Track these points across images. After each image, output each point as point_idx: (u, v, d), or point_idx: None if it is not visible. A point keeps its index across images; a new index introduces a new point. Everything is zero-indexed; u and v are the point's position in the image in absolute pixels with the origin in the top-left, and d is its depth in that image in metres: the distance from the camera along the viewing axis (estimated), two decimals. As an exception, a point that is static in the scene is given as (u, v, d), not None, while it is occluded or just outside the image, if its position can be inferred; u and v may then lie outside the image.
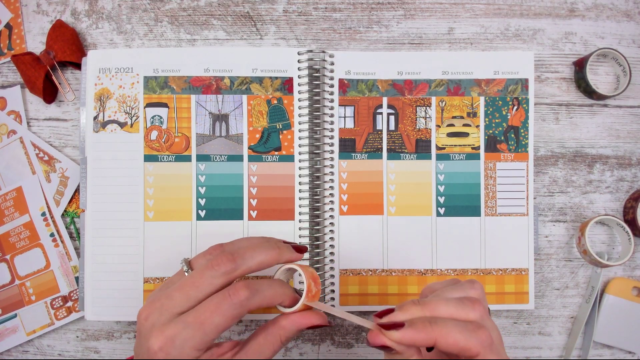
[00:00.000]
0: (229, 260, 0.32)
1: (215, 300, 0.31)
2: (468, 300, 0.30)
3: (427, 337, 0.28)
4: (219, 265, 0.32)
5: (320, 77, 0.48)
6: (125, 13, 0.50)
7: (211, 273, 0.32)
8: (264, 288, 0.32)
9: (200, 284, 0.32)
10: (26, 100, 0.50)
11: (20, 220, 0.49)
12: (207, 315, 0.30)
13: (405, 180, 0.48)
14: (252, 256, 0.33)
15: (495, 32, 0.50)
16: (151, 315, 0.32)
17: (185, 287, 0.32)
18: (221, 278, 0.32)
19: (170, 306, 0.31)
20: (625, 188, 0.50)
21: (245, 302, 0.31)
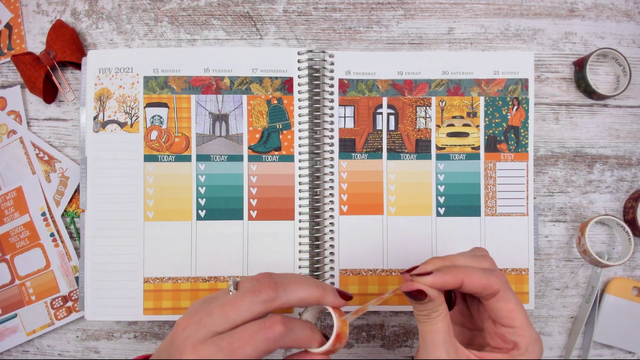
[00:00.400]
0: (272, 288, 0.33)
1: (251, 330, 0.31)
2: (479, 251, 0.36)
3: (455, 278, 0.32)
4: (260, 292, 0.33)
5: (320, 77, 0.48)
6: (125, 13, 0.50)
7: (252, 298, 0.32)
8: (298, 329, 0.33)
9: (240, 306, 0.32)
10: (26, 100, 0.50)
11: (20, 220, 0.49)
12: (240, 345, 0.31)
13: (405, 180, 0.48)
14: (295, 290, 0.34)
15: (495, 32, 0.50)
16: (189, 328, 0.32)
17: (226, 307, 0.32)
18: (261, 305, 0.32)
19: (208, 323, 0.32)
20: (625, 188, 0.50)
21: (279, 339, 0.32)
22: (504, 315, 0.33)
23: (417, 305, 0.33)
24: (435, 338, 0.33)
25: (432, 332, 0.33)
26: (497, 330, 0.33)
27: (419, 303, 0.33)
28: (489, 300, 0.33)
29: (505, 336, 0.33)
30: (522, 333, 0.32)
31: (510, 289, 0.33)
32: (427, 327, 0.33)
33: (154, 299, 0.46)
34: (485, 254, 0.36)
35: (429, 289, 0.32)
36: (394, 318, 0.49)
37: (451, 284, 0.32)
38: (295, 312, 0.47)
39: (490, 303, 0.33)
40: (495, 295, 0.32)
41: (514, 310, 0.32)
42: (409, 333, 0.49)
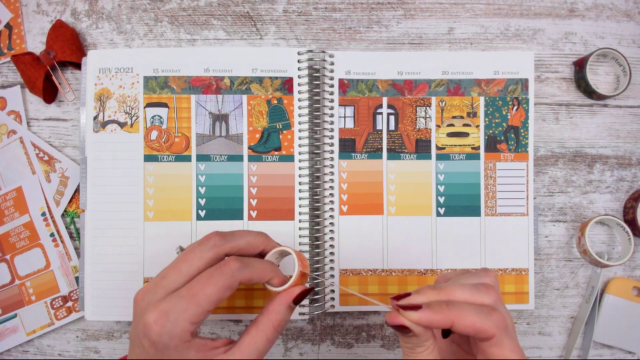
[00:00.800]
0: (219, 236, 0.34)
1: (207, 273, 0.32)
2: (482, 286, 0.31)
3: (445, 319, 0.29)
4: (208, 240, 0.34)
5: (320, 77, 0.48)
6: (125, 13, 0.50)
7: (201, 248, 0.34)
8: (254, 263, 0.34)
9: (190, 258, 0.33)
10: (26, 100, 0.50)
11: (20, 220, 0.49)
12: (200, 287, 0.31)
13: (405, 180, 0.48)
14: (242, 235, 0.35)
15: (495, 32, 0.50)
16: (146, 295, 0.33)
17: (178, 264, 0.33)
18: (210, 251, 0.33)
19: (164, 284, 0.32)
20: (625, 188, 0.50)
21: (237, 272, 0.32)
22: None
23: (402, 337, 0.31)
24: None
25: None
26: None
27: (401, 335, 0.31)
28: (482, 342, 0.30)
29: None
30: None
31: (508, 333, 0.29)
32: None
33: (154, 299, 0.46)
34: (492, 282, 0.32)
35: (413, 325, 0.29)
36: (394, 318, 0.49)
37: (439, 324, 0.29)
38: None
39: (482, 345, 0.30)
40: (489, 340, 0.29)
41: (507, 357, 0.29)
42: (409, 333, 0.49)
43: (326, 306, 0.47)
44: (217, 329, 0.49)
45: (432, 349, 0.30)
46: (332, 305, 0.47)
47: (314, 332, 0.49)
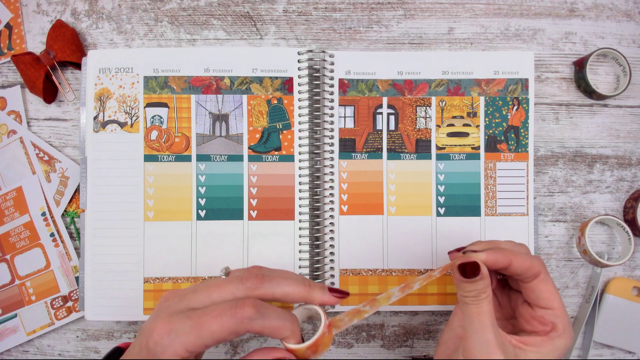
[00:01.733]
0: (258, 278, 0.33)
1: (221, 307, 0.31)
2: (518, 242, 0.37)
3: (505, 258, 0.34)
4: (246, 280, 0.33)
5: (320, 77, 0.48)
6: (125, 13, 0.50)
7: (237, 284, 0.33)
8: (272, 315, 0.32)
9: (223, 290, 0.33)
10: (26, 100, 0.50)
11: (20, 220, 0.49)
12: (207, 320, 0.31)
13: (405, 180, 0.48)
14: (280, 283, 0.34)
15: (495, 32, 0.50)
16: (171, 299, 0.33)
17: (211, 288, 0.33)
18: (243, 292, 0.33)
19: (190, 298, 0.33)
20: (625, 188, 0.50)
21: (247, 321, 0.31)
22: (544, 297, 0.34)
23: (466, 285, 0.33)
24: (484, 320, 0.33)
25: (480, 314, 0.33)
26: (535, 314, 0.35)
27: (469, 281, 0.33)
28: (531, 282, 0.34)
29: (544, 318, 0.34)
30: (560, 314, 0.34)
31: (549, 273, 0.35)
32: (475, 310, 0.33)
33: (154, 299, 0.46)
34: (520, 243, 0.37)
35: (483, 265, 0.33)
36: (394, 318, 0.49)
37: (501, 262, 0.34)
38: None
39: (531, 285, 0.34)
40: (537, 277, 0.34)
41: (554, 292, 0.34)
42: (409, 333, 0.49)
43: (326, 306, 0.47)
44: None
45: (492, 296, 0.34)
46: (332, 305, 0.47)
47: (314, 332, 0.49)
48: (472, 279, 0.33)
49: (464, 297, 0.34)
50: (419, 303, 0.47)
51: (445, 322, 0.49)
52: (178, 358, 0.30)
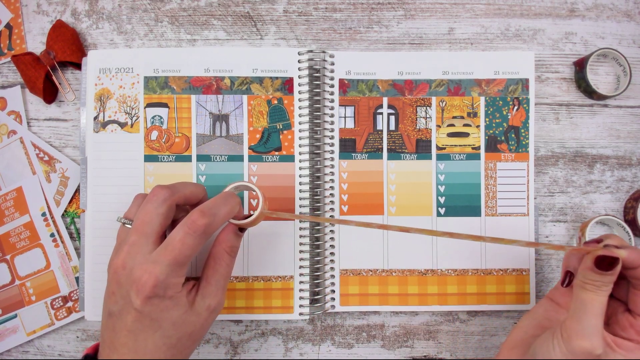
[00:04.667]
0: (165, 188, 0.36)
1: (179, 236, 0.34)
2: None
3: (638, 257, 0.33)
4: (156, 196, 0.36)
5: (320, 77, 0.48)
6: (126, 13, 0.50)
7: (152, 205, 0.35)
8: (219, 208, 0.36)
9: (148, 219, 0.35)
10: (26, 100, 0.50)
11: (20, 220, 0.49)
12: (177, 252, 0.34)
13: (406, 180, 0.48)
14: (185, 186, 0.38)
15: (495, 32, 0.50)
16: (127, 263, 0.34)
17: (139, 229, 0.35)
18: (163, 205, 0.35)
19: (138, 250, 0.34)
20: (625, 188, 0.50)
21: (207, 229, 0.35)
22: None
23: (594, 275, 0.33)
24: (597, 307, 0.33)
25: (595, 301, 0.33)
26: (636, 322, 0.34)
27: (600, 273, 0.33)
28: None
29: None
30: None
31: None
32: (592, 295, 0.33)
33: (154, 299, 0.46)
34: None
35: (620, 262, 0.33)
36: (394, 318, 0.49)
37: (638, 263, 0.33)
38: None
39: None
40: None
41: None
42: (409, 333, 0.49)
43: (326, 306, 0.47)
44: (217, 329, 0.49)
45: (609, 293, 0.33)
46: (333, 305, 0.47)
47: (314, 333, 0.49)
48: (604, 272, 0.33)
49: (585, 283, 0.34)
50: (419, 303, 0.47)
51: (445, 322, 0.49)
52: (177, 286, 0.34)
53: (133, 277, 0.34)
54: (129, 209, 0.39)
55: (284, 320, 0.49)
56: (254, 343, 0.49)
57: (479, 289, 0.48)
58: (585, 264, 0.34)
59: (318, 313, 0.47)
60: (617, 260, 0.32)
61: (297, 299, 0.47)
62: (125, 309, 0.34)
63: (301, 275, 0.47)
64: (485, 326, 0.49)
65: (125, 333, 0.34)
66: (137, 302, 0.33)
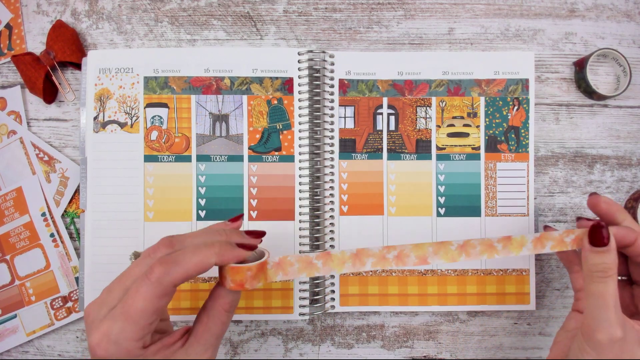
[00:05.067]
0: (166, 245, 0.31)
1: (135, 285, 0.30)
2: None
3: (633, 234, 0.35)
4: (155, 252, 0.31)
5: (320, 77, 0.48)
6: (126, 13, 0.50)
7: (147, 260, 0.31)
8: (185, 257, 0.31)
9: (135, 273, 0.31)
10: (26, 100, 0.50)
11: (20, 220, 0.49)
12: (130, 303, 0.29)
13: (406, 180, 0.48)
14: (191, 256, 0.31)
15: (495, 32, 0.50)
16: (92, 312, 0.31)
17: (122, 278, 0.31)
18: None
19: (108, 300, 0.31)
20: (625, 188, 0.50)
21: (164, 278, 0.29)
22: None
23: (595, 257, 0.34)
24: (607, 299, 0.33)
25: (605, 293, 0.33)
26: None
27: (597, 251, 0.34)
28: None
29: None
30: None
31: None
32: (601, 288, 0.33)
33: (154, 300, 0.46)
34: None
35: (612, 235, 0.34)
36: (394, 318, 0.49)
37: (628, 238, 0.35)
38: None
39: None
40: None
41: None
42: (409, 333, 0.49)
43: (326, 306, 0.47)
44: (217, 329, 0.49)
45: (616, 277, 0.34)
46: (333, 305, 0.47)
47: (314, 333, 0.49)
48: (601, 249, 0.34)
49: (591, 272, 0.34)
50: (419, 304, 0.47)
51: (445, 322, 0.49)
52: (135, 350, 0.29)
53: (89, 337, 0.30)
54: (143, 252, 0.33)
55: (283, 320, 0.49)
56: (253, 343, 0.49)
57: (479, 289, 0.48)
58: (584, 249, 0.35)
59: (318, 313, 0.47)
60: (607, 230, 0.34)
61: (297, 299, 0.47)
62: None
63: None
64: (485, 326, 0.49)
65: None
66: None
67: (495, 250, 0.36)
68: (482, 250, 0.36)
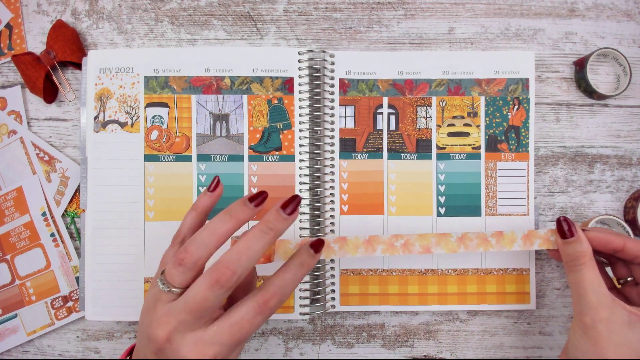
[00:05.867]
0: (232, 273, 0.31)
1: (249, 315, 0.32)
2: None
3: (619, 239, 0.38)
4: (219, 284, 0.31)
5: (320, 77, 0.48)
6: (126, 13, 0.50)
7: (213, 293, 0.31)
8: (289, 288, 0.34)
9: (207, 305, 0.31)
10: (26, 100, 0.50)
11: (20, 220, 0.49)
12: (243, 335, 0.32)
13: (406, 180, 0.48)
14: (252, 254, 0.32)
15: (495, 32, 0.50)
16: (174, 338, 0.31)
17: (194, 311, 0.31)
18: (224, 294, 0.32)
19: (188, 328, 0.31)
20: (625, 188, 0.50)
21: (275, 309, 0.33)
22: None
23: (566, 248, 0.38)
24: (585, 285, 0.36)
25: (581, 280, 0.36)
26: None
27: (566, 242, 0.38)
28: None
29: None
30: None
31: None
32: (578, 276, 0.37)
33: (154, 299, 0.46)
34: None
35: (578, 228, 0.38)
36: (394, 318, 0.49)
37: (614, 243, 0.37)
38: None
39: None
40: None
41: None
42: (410, 333, 0.49)
43: (327, 306, 0.47)
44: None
45: (593, 266, 0.36)
46: (333, 305, 0.47)
47: (314, 332, 0.49)
48: (570, 240, 0.37)
49: (567, 263, 0.38)
50: (420, 303, 0.47)
51: (445, 321, 0.49)
52: None
53: (182, 355, 0.31)
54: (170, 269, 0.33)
55: (284, 319, 0.49)
56: (254, 343, 0.49)
57: (479, 288, 0.48)
58: (558, 243, 0.39)
59: (318, 313, 0.47)
60: (569, 221, 0.38)
61: (298, 299, 0.47)
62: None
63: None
64: (485, 326, 0.49)
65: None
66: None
67: (490, 244, 0.40)
68: (478, 244, 0.40)
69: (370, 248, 0.40)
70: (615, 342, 0.35)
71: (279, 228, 0.33)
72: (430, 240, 0.40)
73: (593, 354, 0.35)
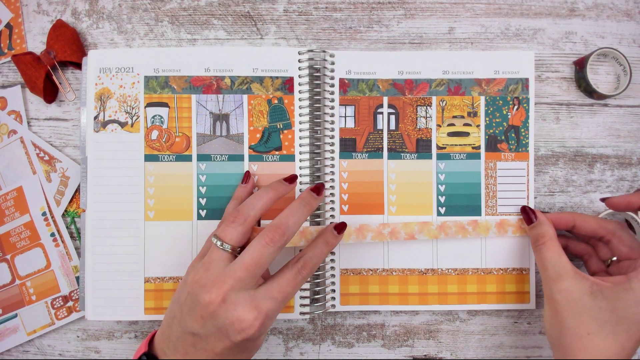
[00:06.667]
0: (284, 233, 0.37)
1: (290, 279, 0.37)
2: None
3: (569, 217, 0.43)
4: (273, 240, 0.36)
5: (320, 76, 0.48)
6: (126, 13, 0.50)
7: (268, 250, 0.36)
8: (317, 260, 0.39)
9: (263, 262, 0.35)
10: (27, 100, 0.50)
11: (20, 220, 0.49)
12: (289, 292, 0.36)
13: (406, 179, 0.48)
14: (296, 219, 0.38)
15: (495, 31, 0.50)
16: (229, 297, 0.34)
17: (250, 268, 0.35)
18: (277, 252, 0.36)
19: (242, 287, 0.35)
20: (625, 187, 0.50)
21: (308, 276, 0.38)
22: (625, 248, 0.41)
23: (531, 232, 0.44)
24: (545, 262, 0.41)
25: (542, 258, 0.41)
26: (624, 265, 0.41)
27: (529, 227, 0.44)
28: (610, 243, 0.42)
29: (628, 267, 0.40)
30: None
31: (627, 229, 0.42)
32: (539, 255, 0.42)
33: (154, 299, 0.46)
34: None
35: (540, 213, 0.44)
36: (394, 318, 0.49)
37: (565, 220, 0.43)
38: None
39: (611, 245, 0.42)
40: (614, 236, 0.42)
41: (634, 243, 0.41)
42: (410, 333, 0.49)
43: (327, 306, 0.47)
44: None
45: (554, 246, 0.41)
46: (333, 305, 0.47)
47: (314, 332, 0.49)
48: (532, 224, 0.44)
49: (532, 244, 0.44)
50: (420, 303, 0.47)
51: (446, 321, 0.49)
52: None
53: (237, 315, 0.34)
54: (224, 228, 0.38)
55: (284, 319, 0.49)
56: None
57: (479, 288, 0.48)
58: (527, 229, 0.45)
59: (318, 312, 0.47)
60: (527, 209, 0.45)
61: (298, 298, 0.47)
62: (217, 337, 0.34)
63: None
64: (485, 325, 0.49)
65: (211, 354, 0.35)
66: (237, 338, 0.34)
67: (467, 231, 0.46)
68: (456, 231, 0.46)
69: (360, 235, 0.46)
70: (575, 311, 0.37)
71: (312, 204, 0.40)
72: (414, 228, 0.46)
73: (555, 324, 0.38)
